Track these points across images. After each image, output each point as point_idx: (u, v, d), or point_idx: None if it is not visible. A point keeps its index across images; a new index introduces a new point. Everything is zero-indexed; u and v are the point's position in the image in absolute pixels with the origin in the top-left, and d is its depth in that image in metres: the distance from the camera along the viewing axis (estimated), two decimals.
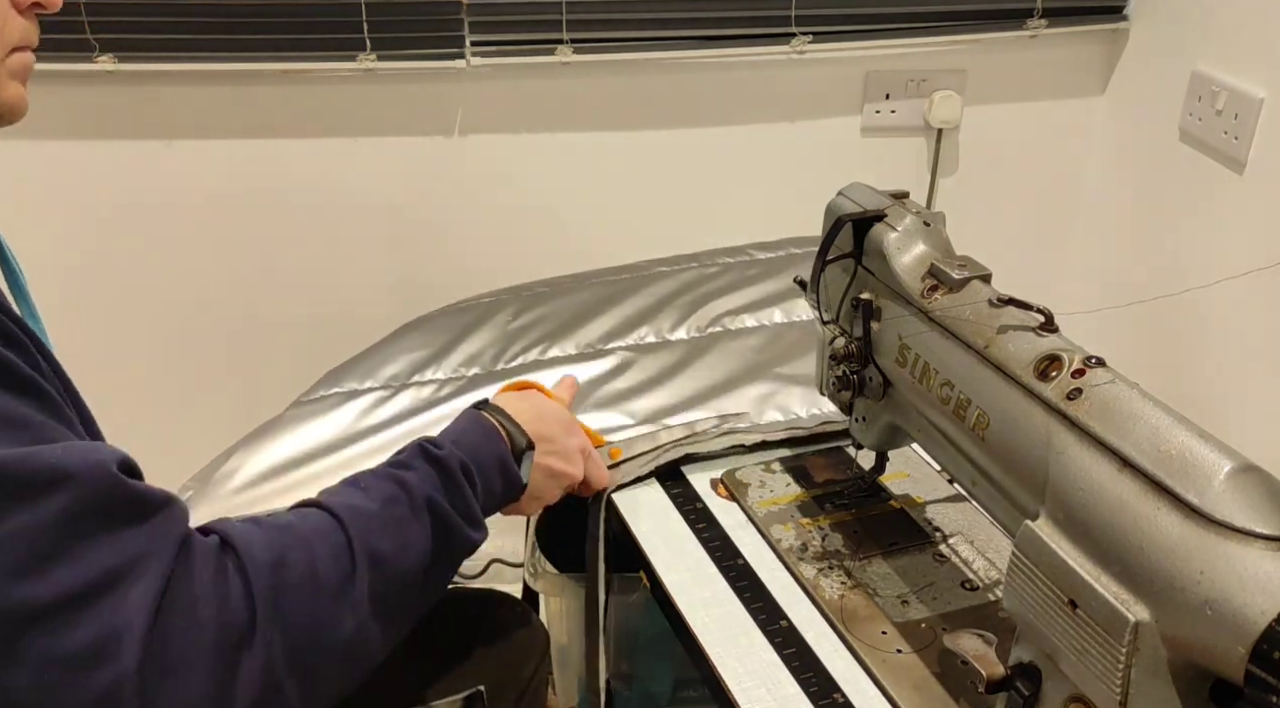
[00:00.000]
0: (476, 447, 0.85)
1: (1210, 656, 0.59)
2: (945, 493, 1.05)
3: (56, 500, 0.59)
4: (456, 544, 0.80)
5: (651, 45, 1.69)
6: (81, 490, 0.60)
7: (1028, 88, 1.86)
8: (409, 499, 0.77)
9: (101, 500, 0.61)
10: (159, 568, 0.62)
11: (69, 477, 0.60)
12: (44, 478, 0.59)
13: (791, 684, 0.85)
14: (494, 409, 0.91)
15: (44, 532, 0.59)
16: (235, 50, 1.60)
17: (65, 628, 0.59)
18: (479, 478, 0.83)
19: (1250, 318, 1.56)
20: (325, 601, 0.70)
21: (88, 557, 0.60)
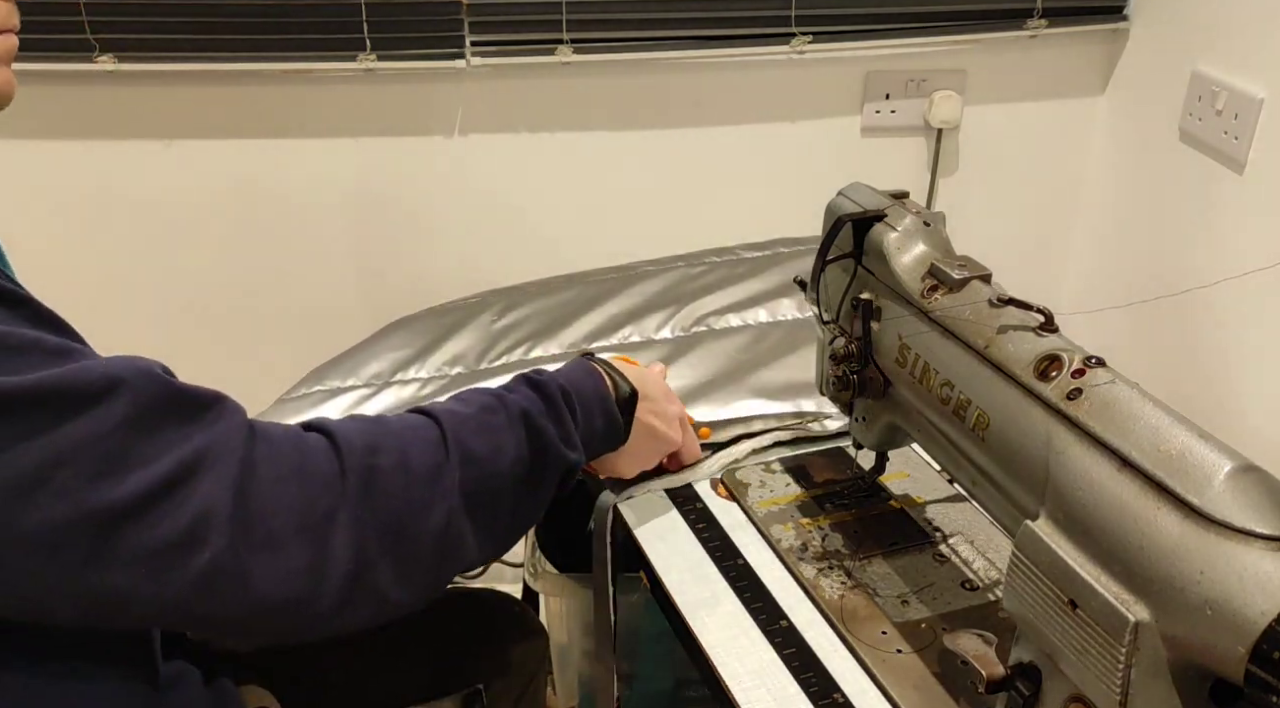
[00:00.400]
0: (579, 381, 0.86)
1: (1210, 656, 0.59)
2: (945, 493, 1.05)
3: (116, 407, 0.61)
4: (551, 459, 0.81)
5: (651, 45, 1.69)
6: (137, 393, 0.62)
7: (1028, 88, 1.86)
8: (505, 409, 0.79)
9: (157, 401, 0.63)
10: (231, 453, 0.65)
11: (122, 382, 0.62)
12: (99, 388, 0.61)
13: (791, 684, 0.85)
14: (599, 360, 0.91)
15: (110, 436, 0.61)
16: (235, 50, 1.60)
17: (153, 522, 0.61)
18: (579, 407, 0.84)
19: (1250, 318, 1.56)
20: (417, 486, 0.71)
21: (158, 452, 0.62)
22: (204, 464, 0.63)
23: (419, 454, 0.72)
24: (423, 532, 0.71)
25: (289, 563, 0.65)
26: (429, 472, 0.72)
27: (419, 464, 0.72)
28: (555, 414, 0.82)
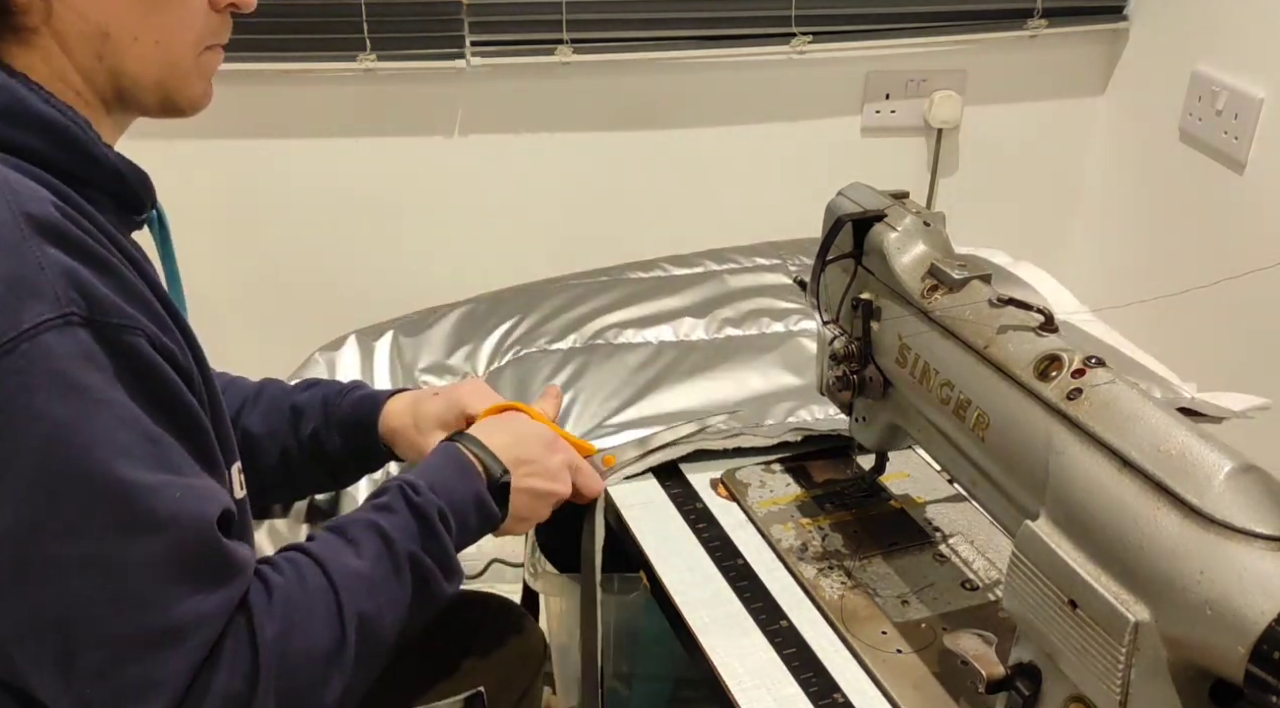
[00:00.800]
0: (452, 487, 0.87)
1: (1210, 656, 0.59)
2: (945, 493, 1.05)
3: (155, 544, 0.63)
4: (431, 593, 0.82)
5: (651, 45, 1.69)
6: (178, 542, 0.64)
7: (1028, 88, 1.86)
8: (391, 556, 0.79)
9: (190, 556, 0.65)
10: (210, 636, 0.66)
11: (175, 523, 0.64)
12: (156, 518, 0.63)
13: (791, 684, 0.85)
14: (469, 440, 0.92)
15: (130, 570, 0.62)
16: (235, 50, 1.59)
17: (119, 660, 0.63)
18: (454, 521, 0.85)
19: (1250, 318, 1.56)
20: (319, 667, 0.73)
21: (166, 606, 0.64)
22: (186, 638, 0.65)
23: (321, 634, 0.73)
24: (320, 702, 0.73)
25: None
26: (330, 652, 0.74)
27: (321, 646, 0.73)
28: (437, 544, 0.83)
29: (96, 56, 0.70)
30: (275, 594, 0.72)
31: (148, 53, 0.72)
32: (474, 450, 0.90)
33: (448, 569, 0.84)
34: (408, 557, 0.80)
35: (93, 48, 0.70)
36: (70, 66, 0.70)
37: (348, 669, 0.75)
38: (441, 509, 0.84)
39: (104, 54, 0.70)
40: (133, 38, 0.71)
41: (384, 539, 0.80)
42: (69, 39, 0.69)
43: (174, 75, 0.74)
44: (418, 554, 0.81)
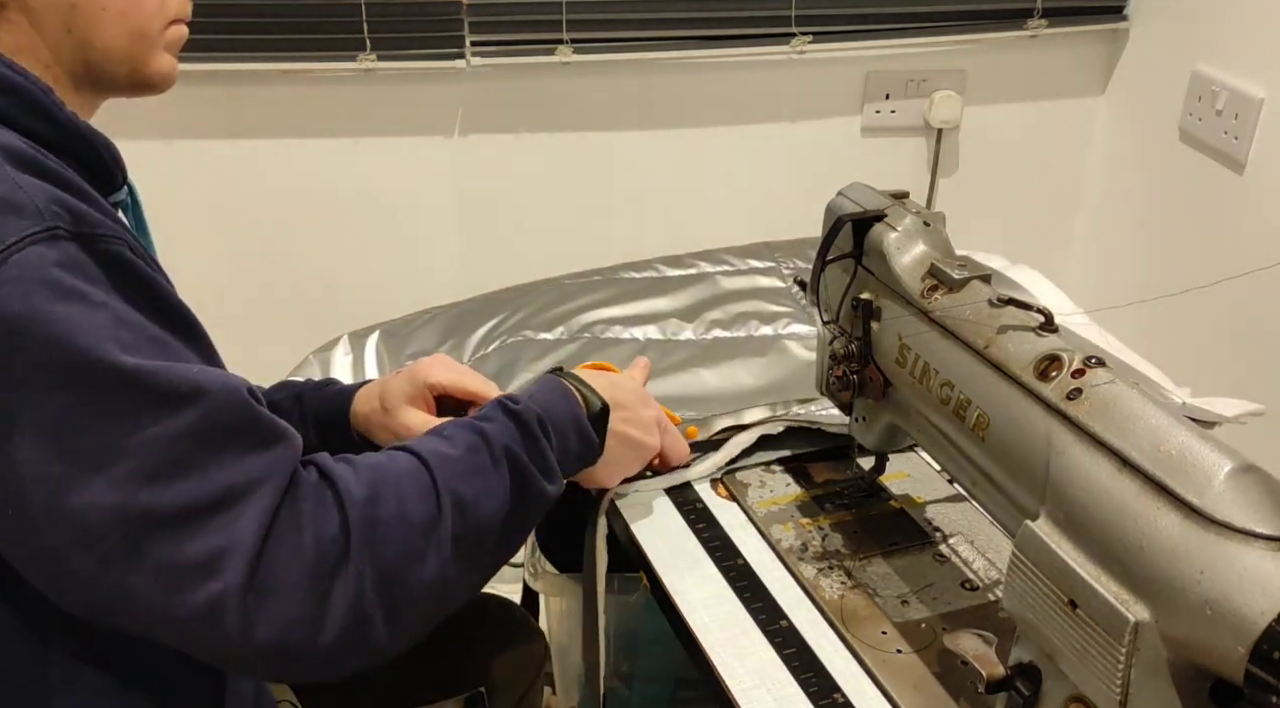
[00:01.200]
0: (553, 405, 0.86)
1: (1210, 656, 0.59)
2: (945, 493, 1.05)
3: (189, 415, 0.62)
4: (533, 495, 0.81)
5: (651, 45, 1.69)
6: (214, 408, 0.63)
7: (1028, 88, 1.86)
8: (489, 448, 0.78)
9: (231, 421, 0.64)
10: (272, 493, 0.65)
11: (203, 393, 0.63)
12: (181, 392, 0.62)
13: (791, 684, 0.85)
14: (569, 375, 0.91)
15: (174, 442, 0.62)
16: (235, 50, 1.60)
17: (183, 538, 0.62)
18: (554, 434, 0.84)
19: (1250, 318, 1.56)
20: (414, 538, 0.71)
21: (211, 472, 0.63)
22: (247, 497, 0.64)
23: (414, 505, 0.73)
24: (416, 582, 0.72)
25: (291, 612, 0.65)
26: (424, 523, 0.73)
27: (415, 515, 0.72)
28: (535, 446, 0.82)
29: (65, 29, 0.71)
30: (362, 467, 0.72)
31: (115, 23, 0.73)
32: (574, 383, 0.90)
33: (548, 472, 0.82)
34: (504, 451, 0.79)
35: (60, 19, 0.71)
36: (40, 41, 0.70)
37: (446, 549, 0.73)
38: (540, 417, 0.83)
39: (72, 26, 0.71)
40: (100, 8, 0.72)
41: (480, 434, 0.79)
42: (37, 11, 0.70)
43: (141, 46, 0.75)
44: (515, 451, 0.80)
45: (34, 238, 0.60)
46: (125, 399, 0.61)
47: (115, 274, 0.64)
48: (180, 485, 0.62)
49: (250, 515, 0.64)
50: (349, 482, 0.70)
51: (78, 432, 0.60)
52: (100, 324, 0.61)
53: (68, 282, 0.61)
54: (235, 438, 0.65)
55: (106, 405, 0.60)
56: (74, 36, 0.71)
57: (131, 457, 0.61)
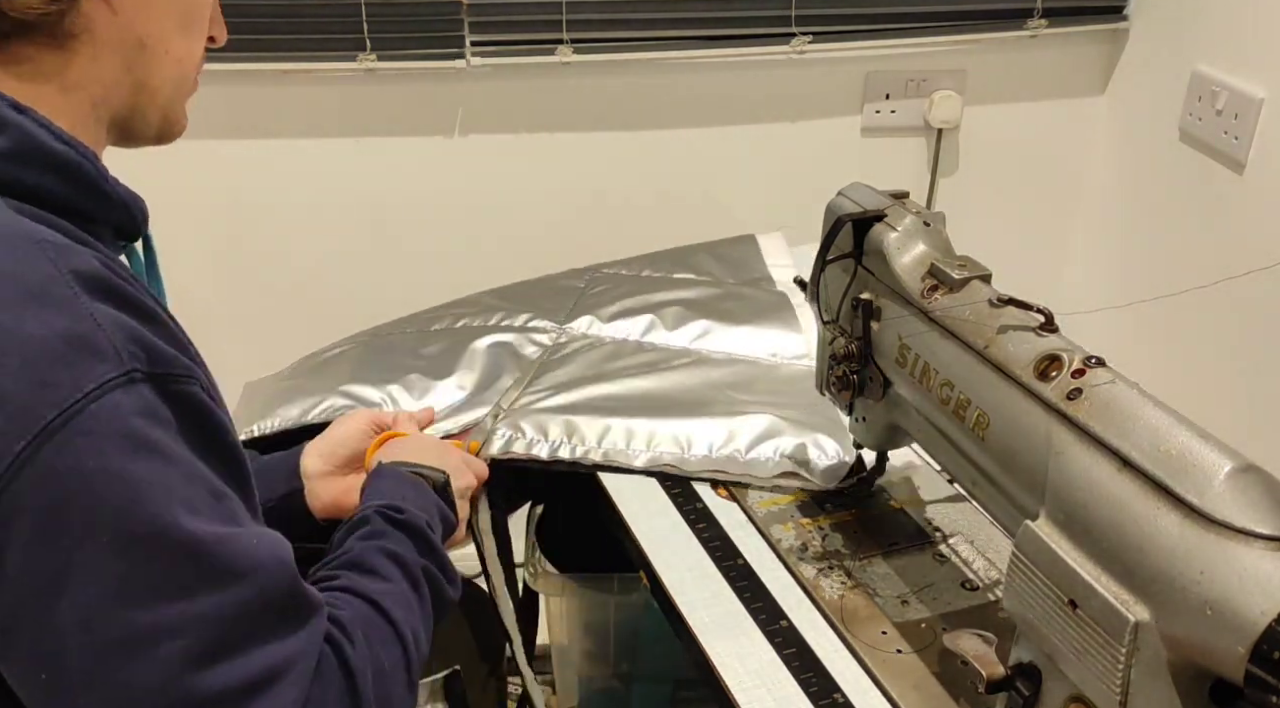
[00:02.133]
0: (418, 502, 0.88)
1: (1210, 656, 0.59)
2: (945, 493, 1.05)
3: (242, 591, 0.61)
4: (444, 604, 0.83)
5: (651, 45, 1.69)
6: (265, 585, 0.62)
7: (1028, 88, 1.86)
8: (408, 574, 0.80)
9: (277, 598, 0.64)
10: (306, 671, 0.64)
11: (258, 569, 0.62)
12: (238, 567, 0.61)
13: (791, 684, 0.85)
14: (397, 463, 0.93)
15: (225, 622, 0.60)
16: (235, 50, 1.60)
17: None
18: (434, 531, 0.86)
19: (1250, 318, 1.56)
20: (400, 684, 0.73)
21: (255, 653, 0.62)
22: (285, 677, 0.63)
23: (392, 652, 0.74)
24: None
25: None
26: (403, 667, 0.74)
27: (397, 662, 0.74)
28: (435, 555, 0.84)
29: (126, 68, 0.69)
30: (345, 624, 0.71)
31: (170, 68, 0.72)
32: (409, 468, 0.92)
33: (450, 577, 0.85)
34: (421, 571, 0.81)
35: (124, 58, 0.69)
36: (97, 77, 0.68)
37: (415, 686, 0.75)
38: (427, 521, 0.85)
39: (134, 65, 0.69)
40: (164, 51, 0.71)
41: (395, 560, 0.80)
42: (106, 47, 0.67)
43: (179, 96, 0.74)
44: (428, 567, 0.82)
45: (112, 384, 0.58)
46: (185, 573, 0.59)
47: (186, 418, 0.62)
48: (223, 668, 0.60)
49: (290, 695, 0.63)
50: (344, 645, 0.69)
51: (132, 603, 0.58)
52: (171, 485, 0.59)
53: (143, 433, 0.59)
54: (280, 617, 0.64)
55: (166, 578, 0.59)
56: (132, 76, 0.70)
57: (182, 636, 0.59)
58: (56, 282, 0.59)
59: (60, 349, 0.57)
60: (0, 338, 0.56)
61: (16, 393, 0.56)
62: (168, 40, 0.70)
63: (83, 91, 0.68)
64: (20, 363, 0.56)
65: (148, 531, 0.58)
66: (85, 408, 0.56)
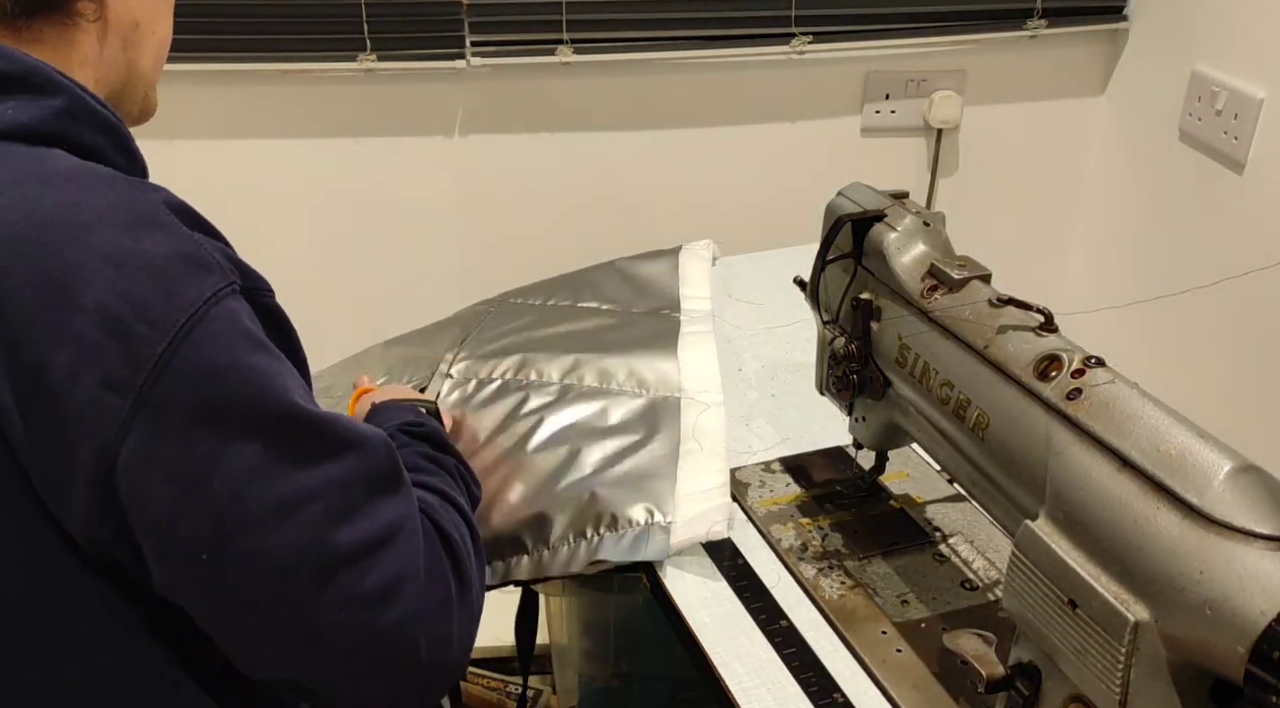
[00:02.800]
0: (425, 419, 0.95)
1: (1210, 656, 0.59)
2: (945, 493, 1.05)
3: (356, 460, 0.68)
4: (475, 496, 0.91)
5: (651, 45, 1.69)
6: (372, 454, 0.70)
7: (1028, 88, 1.86)
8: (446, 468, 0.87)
9: (384, 465, 0.71)
10: (416, 528, 0.72)
11: (366, 440, 0.70)
12: (351, 439, 0.68)
13: (791, 684, 0.85)
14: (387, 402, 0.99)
15: (351, 486, 0.68)
16: (235, 50, 1.60)
17: (363, 571, 0.67)
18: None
19: (1250, 318, 1.56)
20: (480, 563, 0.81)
21: (377, 512, 0.69)
22: (403, 530, 0.70)
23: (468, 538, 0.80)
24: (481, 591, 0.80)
25: (447, 630, 0.72)
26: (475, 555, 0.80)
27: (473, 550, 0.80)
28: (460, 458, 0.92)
29: (122, 45, 0.74)
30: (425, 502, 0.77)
31: (155, 49, 0.77)
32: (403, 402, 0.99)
33: (473, 476, 0.92)
34: (454, 467, 0.89)
35: (123, 35, 0.74)
36: (100, 55, 0.73)
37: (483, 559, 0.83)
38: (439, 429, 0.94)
39: (129, 44, 0.74)
40: (151, 31, 0.76)
41: (431, 460, 0.87)
42: (111, 24, 0.73)
43: (156, 76, 0.80)
44: (458, 463, 0.90)
45: (224, 292, 0.65)
46: (313, 446, 0.66)
47: (273, 326, 0.70)
48: (356, 524, 0.67)
49: (411, 547, 0.70)
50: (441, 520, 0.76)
51: (274, 477, 0.64)
52: (285, 375, 0.66)
53: (256, 334, 0.66)
54: (388, 481, 0.71)
55: (298, 451, 0.65)
56: (126, 54, 0.74)
57: (319, 499, 0.66)
58: (158, 210, 0.66)
59: (178, 264, 0.64)
60: (126, 256, 0.62)
61: (153, 303, 0.62)
62: (155, 21, 0.76)
63: (88, 68, 0.73)
64: (150, 276, 0.63)
65: (276, 412, 0.65)
66: (209, 312, 0.63)
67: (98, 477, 0.62)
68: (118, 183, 0.67)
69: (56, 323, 0.61)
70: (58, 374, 0.61)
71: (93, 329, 0.61)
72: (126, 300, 0.61)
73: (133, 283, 0.62)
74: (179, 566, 0.64)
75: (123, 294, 0.62)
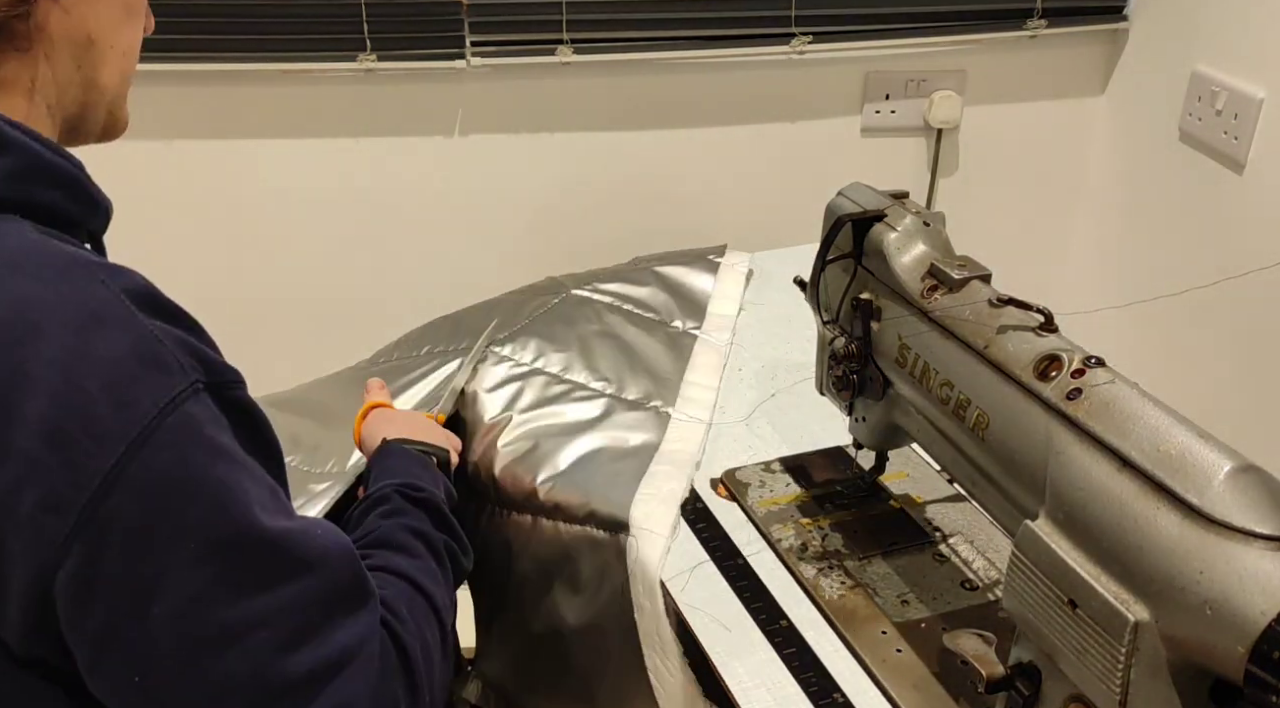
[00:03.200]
0: (429, 478, 0.92)
1: (1210, 656, 0.59)
2: (945, 493, 1.05)
3: (315, 580, 0.65)
4: (461, 576, 0.88)
5: (651, 45, 1.69)
6: (334, 572, 0.66)
7: (1028, 88, 1.86)
8: (433, 549, 0.84)
9: (346, 583, 0.67)
10: (374, 650, 0.68)
11: (328, 558, 0.66)
12: (310, 558, 0.65)
13: (791, 684, 0.85)
14: (402, 441, 0.97)
15: (305, 610, 0.64)
16: (235, 50, 1.60)
17: (306, 702, 0.64)
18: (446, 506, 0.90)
19: (1250, 318, 1.56)
20: (440, 661, 0.77)
21: (332, 636, 0.65)
22: (357, 655, 0.67)
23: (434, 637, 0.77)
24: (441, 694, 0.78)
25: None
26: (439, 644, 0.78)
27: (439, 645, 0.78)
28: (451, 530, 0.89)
29: (76, 65, 0.69)
30: (391, 603, 0.74)
31: (116, 63, 0.72)
32: (415, 447, 0.97)
33: (464, 549, 0.89)
34: (443, 545, 0.85)
35: (74, 55, 0.69)
36: (50, 78, 0.68)
37: (449, 657, 0.80)
38: (440, 499, 0.90)
39: (83, 63, 0.70)
40: (109, 46, 0.71)
41: (420, 536, 0.84)
42: (57, 45, 0.68)
43: (123, 89, 0.75)
44: (448, 541, 0.87)
45: (183, 396, 0.61)
46: (267, 568, 0.62)
47: (240, 421, 0.66)
48: (307, 652, 0.64)
49: (363, 674, 0.67)
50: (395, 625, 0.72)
51: (222, 600, 0.61)
52: (245, 487, 0.62)
53: (218, 441, 0.62)
54: (348, 600, 0.67)
55: (250, 574, 0.62)
56: (82, 73, 0.70)
57: (268, 626, 0.62)
58: (113, 303, 0.61)
59: (133, 368, 0.59)
60: (76, 362, 0.58)
61: (101, 415, 0.58)
62: (113, 34, 0.71)
63: (40, 95, 0.68)
64: (100, 385, 0.58)
65: (232, 531, 0.61)
66: (163, 422, 0.59)
67: (34, 595, 0.59)
68: (73, 268, 0.62)
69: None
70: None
71: (34, 444, 0.57)
72: (71, 412, 0.57)
73: (79, 393, 0.58)
74: (110, 682, 0.62)
75: (66, 406, 0.57)
